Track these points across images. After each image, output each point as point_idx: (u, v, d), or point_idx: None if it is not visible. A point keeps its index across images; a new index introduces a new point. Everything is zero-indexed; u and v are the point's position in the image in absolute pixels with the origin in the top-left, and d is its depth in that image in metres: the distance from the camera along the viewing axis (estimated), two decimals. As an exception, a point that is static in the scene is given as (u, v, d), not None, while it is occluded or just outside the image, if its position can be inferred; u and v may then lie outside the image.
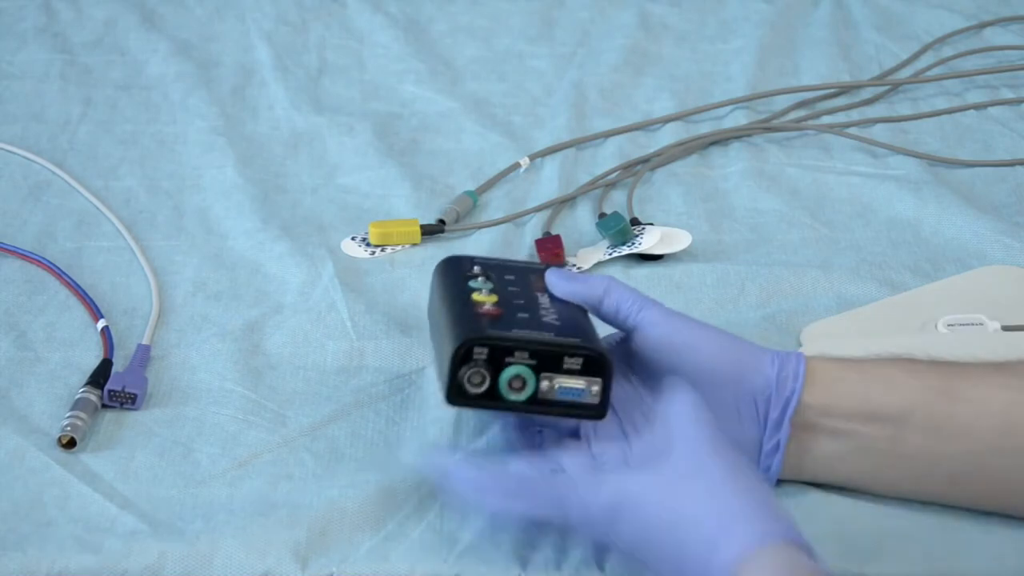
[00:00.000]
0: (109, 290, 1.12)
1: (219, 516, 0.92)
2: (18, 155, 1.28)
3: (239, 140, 1.30)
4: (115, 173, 1.26)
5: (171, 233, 1.19)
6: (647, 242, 1.15)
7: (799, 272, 1.13)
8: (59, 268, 1.13)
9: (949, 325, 1.06)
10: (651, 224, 1.18)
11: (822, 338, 1.06)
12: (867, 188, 1.24)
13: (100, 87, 1.37)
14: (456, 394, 0.88)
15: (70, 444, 0.97)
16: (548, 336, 0.89)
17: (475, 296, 0.92)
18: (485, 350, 0.87)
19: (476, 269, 0.95)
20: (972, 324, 1.06)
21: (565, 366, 0.88)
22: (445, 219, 1.19)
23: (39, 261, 1.14)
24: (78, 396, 1.00)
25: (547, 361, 0.88)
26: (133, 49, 1.43)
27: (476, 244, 1.17)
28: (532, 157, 1.27)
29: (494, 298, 0.92)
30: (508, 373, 0.88)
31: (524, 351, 0.88)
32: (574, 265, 1.14)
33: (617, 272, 1.14)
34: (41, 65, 1.40)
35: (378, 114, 1.35)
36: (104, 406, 1.00)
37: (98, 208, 1.21)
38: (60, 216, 1.20)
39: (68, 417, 0.97)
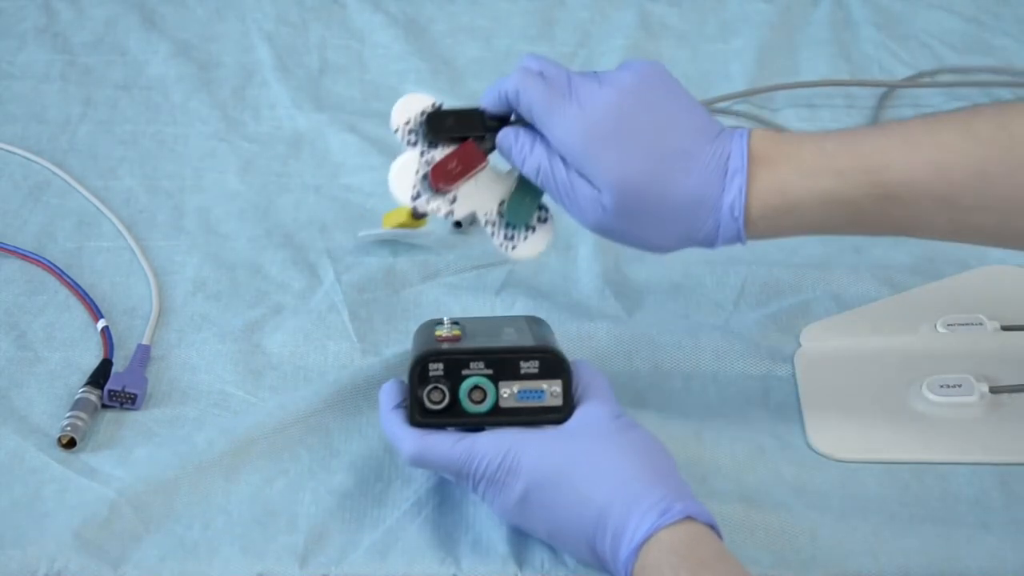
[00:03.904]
0: (109, 290, 1.12)
1: (217, 516, 0.92)
2: (18, 155, 1.28)
3: (240, 140, 1.30)
4: (115, 173, 1.26)
5: (171, 233, 1.19)
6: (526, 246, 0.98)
7: (799, 272, 1.13)
8: (59, 268, 1.13)
9: (949, 325, 1.06)
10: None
11: (822, 338, 1.06)
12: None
13: (100, 87, 1.37)
14: (419, 414, 0.89)
15: (70, 444, 0.97)
16: (502, 344, 0.90)
17: (437, 332, 0.93)
18: (440, 365, 0.89)
19: (446, 320, 0.95)
20: (972, 324, 1.06)
21: (522, 371, 0.89)
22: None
23: (39, 261, 1.14)
24: (78, 396, 1.00)
25: (503, 368, 0.89)
26: (133, 49, 1.43)
27: (483, 241, 1.17)
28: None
29: (457, 331, 0.93)
30: (466, 385, 0.89)
31: (479, 361, 0.89)
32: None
33: (613, 273, 1.14)
34: (41, 65, 1.40)
35: (380, 114, 1.34)
36: (104, 406, 1.00)
37: (98, 208, 1.21)
38: (60, 216, 1.20)
39: (68, 417, 0.98)
